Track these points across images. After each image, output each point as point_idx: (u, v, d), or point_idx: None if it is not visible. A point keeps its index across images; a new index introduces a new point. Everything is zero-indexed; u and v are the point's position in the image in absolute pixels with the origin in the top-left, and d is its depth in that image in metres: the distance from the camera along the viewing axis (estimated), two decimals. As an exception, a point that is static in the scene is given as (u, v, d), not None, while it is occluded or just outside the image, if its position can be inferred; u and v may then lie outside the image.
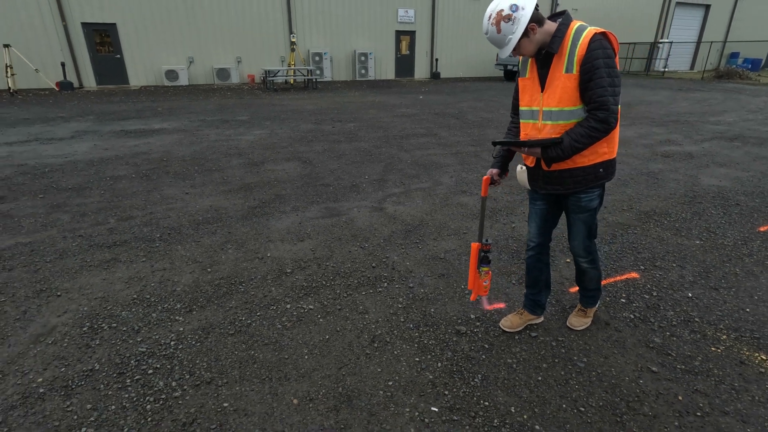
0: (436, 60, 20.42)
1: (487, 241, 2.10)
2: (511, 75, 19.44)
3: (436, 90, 15.11)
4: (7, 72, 12.47)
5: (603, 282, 2.82)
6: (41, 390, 1.94)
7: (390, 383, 2.00)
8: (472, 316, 2.49)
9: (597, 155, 1.87)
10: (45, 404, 1.87)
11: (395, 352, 2.20)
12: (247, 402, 1.89)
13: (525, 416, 1.82)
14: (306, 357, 2.17)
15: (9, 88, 12.62)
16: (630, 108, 10.69)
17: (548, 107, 1.83)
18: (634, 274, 2.95)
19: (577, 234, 2.09)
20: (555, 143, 1.80)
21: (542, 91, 1.84)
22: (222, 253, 3.20)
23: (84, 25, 14.24)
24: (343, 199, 4.34)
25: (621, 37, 24.34)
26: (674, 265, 3.08)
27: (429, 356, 2.17)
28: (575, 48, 1.70)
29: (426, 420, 1.80)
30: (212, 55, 16.25)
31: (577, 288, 2.40)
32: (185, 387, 1.97)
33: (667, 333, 2.34)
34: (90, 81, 14.87)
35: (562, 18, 1.79)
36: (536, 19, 1.73)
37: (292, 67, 15.89)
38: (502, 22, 1.71)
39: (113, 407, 1.85)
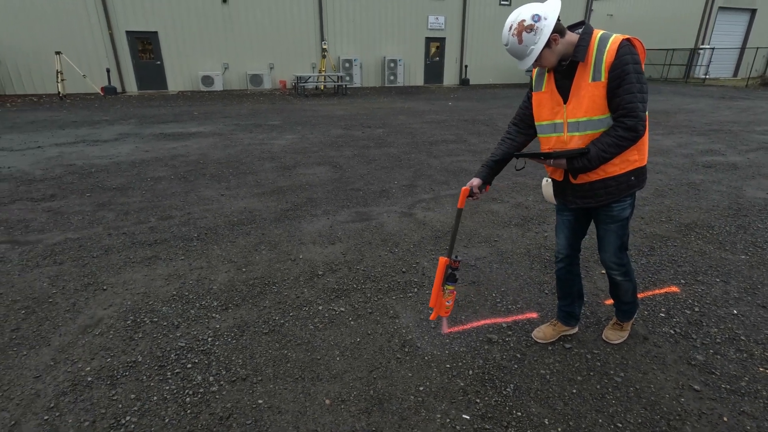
0: (466, 66, 20.34)
1: (456, 257, 1.94)
2: (542, 82, 19.07)
3: (465, 96, 15.04)
4: (57, 77, 13.24)
5: (640, 295, 2.74)
6: (89, 378, 2.05)
7: (421, 388, 2.00)
8: (504, 325, 2.46)
9: (628, 163, 1.82)
10: (92, 392, 1.97)
11: (426, 358, 2.20)
12: (281, 400, 1.93)
13: (559, 429, 1.78)
14: (338, 358, 2.20)
15: (59, 93, 13.38)
16: (668, 116, 10.33)
17: (575, 118, 1.77)
18: (674, 288, 2.84)
19: (609, 245, 2.01)
20: (581, 154, 1.74)
21: (566, 103, 1.79)
22: (256, 254, 3.29)
23: (128, 33, 14.97)
24: (372, 204, 4.38)
25: (658, 43, 23.62)
26: (718, 280, 2.95)
27: (460, 363, 2.16)
28: (602, 55, 1.65)
29: (457, 427, 1.79)
30: (246, 62, 16.74)
31: (612, 301, 2.32)
32: (222, 382, 2.03)
33: (711, 351, 2.24)
34: (132, 86, 15.58)
35: (583, 27, 1.74)
36: (558, 29, 1.68)
37: (323, 73, 16.18)
38: (524, 33, 1.66)
39: (155, 398, 1.93)
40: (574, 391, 1.98)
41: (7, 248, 3.34)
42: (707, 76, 22.39)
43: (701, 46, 23.08)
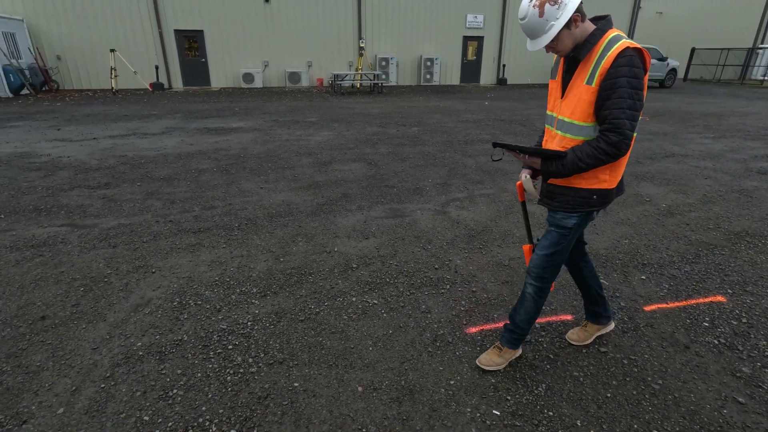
0: (504, 65, 19.98)
1: (537, 240, 1.98)
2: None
3: (502, 96, 14.79)
4: (111, 74, 14.05)
5: (682, 303, 2.66)
6: (140, 353, 2.20)
7: (452, 382, 2.03)
8: (537, 326, 2.44)
9: (596, 180, 1.72)
10: (143, 365, 2.11)
11: (457, 353, 2.22)
12: (316, 384, 2.01)
13: (592, 431, 1.77)
14: (370, 348, 2.25)
15: (112, 88, 14.20)
16: (720, 119, 9.78)
17: (562, 116, 1.72)
18: (720, 298, 2.73)
19: (541, 248, 1.89)
20: (558, 157, 1.67)
21: (562, 98, 1.73)
22: (293, 245, 3.40)
23: (176, 31, 15.67)
24: (406, 201, 4.41)
25: (711, 43, 22.35)
26: (769, 291, 2.80)
27: (491, 360, 2.16)
28: (602, 59, 1.55)
29: (487, 422, 1.81)
30: (285, 60, 17.15)
31: (506, 323, 2.12)
32: (260, 364, 2.13)
33: (758, 364, 2.14)
34: (178, 82, 16.30)
35: (601, 23, 1.62)
36: (581, 11, 1.58)
37: (360, 71, 16.33)
38: (547, 5, 1.54)
39: (199, 375, 2.06)
40: (609, 395, 1.95)
41: (68, 231, 3.61)
42: (766, 78, 20.96)
43: (761, 46, 21.62)
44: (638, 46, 1.54)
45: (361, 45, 16.92)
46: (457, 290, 2.80)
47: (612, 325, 2.34)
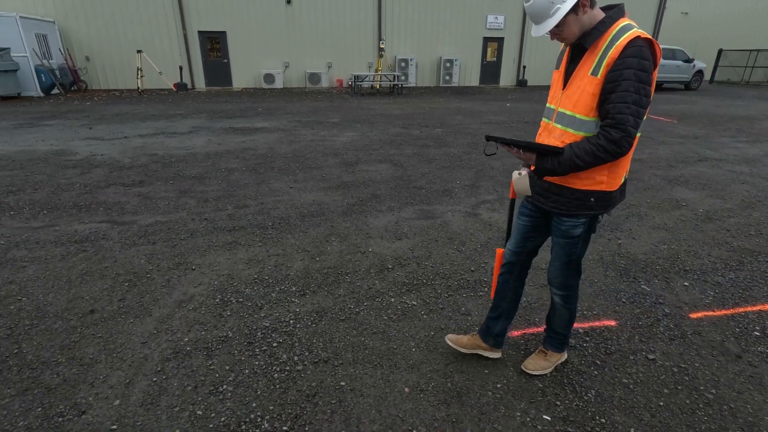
0: (524, 67, 19.78)
1: (506, 244, 1.92)
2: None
3: (522, 98, 14.65)
4: (137, 74, 14.36)
5: (729, 311, 2.59)
6: (188, 348, 2.24)
7: (498, 385, 2.01)
8: (581, 330, 2.41)
9: (593, 182, 1.59)
10: (192, 360, 2.15)
11: (502, 356, 2.20)
12: (362, 384, 2.02)
13: (647, 440, 1.73)
14: (413, 350, 2.25)
15: (138, 88, 14.52)
16: (752, 123, 9.51)
17: (563, 109, 1.61)
18: (770, 307, 2.65)
19: (555, 259, 1.84)
20: (554, 153, 1.55)
21: (563, 89, 1.62)
22: (327, 245, 3.43)
23: (200, 33, 15.94)
24: (436, 203, 4.40)
25: (739, 43, 21.75)
26: (821, 301, 2.71)
27: (537, 365, 2.14)
28: (610, 48, 1.45)
29: (538, 427, 1.79)
30: (305, 60, 17.28)
31: (544, 327, 2.10)
32: (305, 362, 2.15)
33: (816, 375, 2.07)
34: (200, 83, 16.58)
35: (612, 11, 1.52)
36: None
37: (380, 72, 16.37)
38: None
39: (247, 371, 2.09)
40: (661, 403, 1.91)
41: (108, 227, 3.70)
42: (797, 80, 20.32)
43: (791, 47, 20.96)
44: (649, 36, 1.43)
45: (381, 46, 16.96)
46: (496, 293, 2.77)
47: (497, 355, 2.14)
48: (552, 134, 1.66)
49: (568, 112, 1.58)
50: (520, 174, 1.79)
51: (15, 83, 12.24)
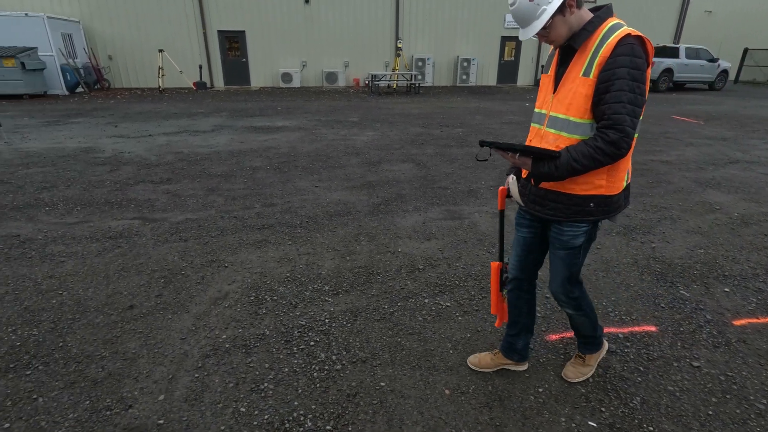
0: (542, 66, 19.50)
1: (509, 259, 1.83)
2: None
3: (542, 97, 14.46)
4: (159, 73, 14.60)
5: (776, 318, 2.51)
6: (227, 345, 2.26)
7: (540, 390, 1.99)
8: (621, 336, 2.36)
9: (591, 186, 1.54)
10: (231, 357, 2.17)
11: (541, 360, 2.18)
12: (402, 385, 2.01)
13: (699, 450, 1.69)
14: (451, 351, 2.24)
15: (159, 87, 14.76)
16: (782, 124, 9.23)
17: (555, 113, 1.55)
18: (817, 315, 2.56)
19: (556, 274, 1.75)
20: (550, 157, 1.48)
21: (554, 92, 1.57)
22: (356, 244, 3.43)
23: (219, 32, 16.13)
24: (462, 203, 4.37)
25: (765, 42, 21.14)
26: None
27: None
28: (600, 48, 1.41)
29: (585, 433, 1.76)
30: (323, 60, 17.36)
31: (574, 334, 2.03)
32: (344, 362, 2.15)
33: None
34: (219, 81, 16.78)
35: (601, 11, 1.49)
36: None
37: (397, 71, 16.35)
38: None
39: (286, 370, 2.10)
40: (710, 412, 1.87)
41: (140, 224, 3.76)
42: (827, 80, 19.69)
43: (821, 46, 20.30)
44: (640, 34, 1.40)
45: (399, 45, 16.93)
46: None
47: (525, 367, 2.10)
48: (545, 139, 1.59)
49: (561, 115, 1.53)
50: (513, 178, 1.74)
51: (42, 82, 12.55)
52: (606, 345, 2.11)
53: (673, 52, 16.66)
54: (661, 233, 3.69)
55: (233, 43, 16.55)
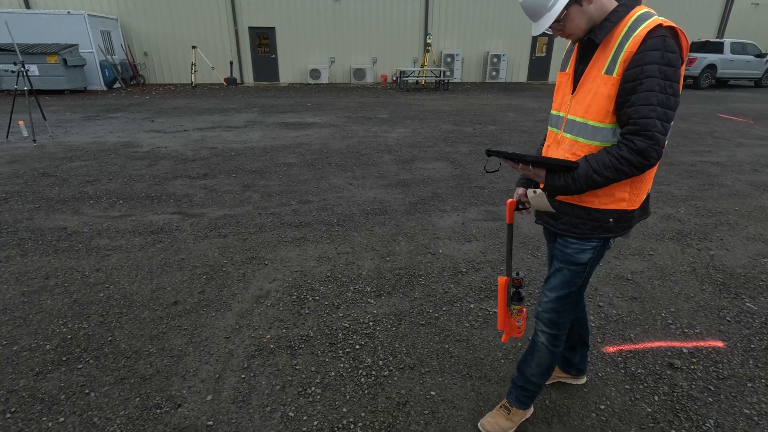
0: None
1: (518, 274, 1.64)
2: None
3: (575, 94, 14.01)
4: (192, 69, 14.89)
5: None
6: (271, 346, 2.23)
7: (602, 407, 1.87)
8: (685, 350, 2.21)
9: (612, 199, 1.35)
10: (276, 359, 2.14)
11: (599, 374, 2.05)
12: (453, 395, 1.93)
13: (786, 482, 1.55)
14: (502, 361, 2.14)
15: (192, 83, 15.06)
16: (842, 124, 8.62)
17: (573, 115, 1.37)
18: None
19: (551, 289, 1.53)
20: (567, 168, 1.30)
21: (573, 93, 1.38)
22: (395, 245, 3.36)
23: (250, 29, 16.31)
24: (501, 204, 4.24)
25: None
26: None
27: (641, 386, 1.98)
28: (626, 41, 1.22)
29: (655, 457, 1.64)
30: (351, 56, 17.33)
31: (515, 374, 1.74)
32: (391, 368, 2.09)
33: None
34: (249, 77, 16.99)
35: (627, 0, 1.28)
36: None
37: (425, 67, 16.16)
38: None
39: (333, 374, 2.05)
40: (795, 440, 1.71)
41: (180, 219, 3.80)
42: None
43: None
44: (673, 24, 1.20)
45: (428, 41, 16.73)
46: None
47: (584, 380, 1.96)
48: (561, 145, 1.42)
49: (578, 119, 1.35)
50: (535, 192, 1.51)
51: (82, 78, 12.99)
52: (532, 409, 1.81)
53: (716, 48, 15.84)
54: (718, 240, 3.47)
55: (263, 39, 16.71)
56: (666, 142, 1.26)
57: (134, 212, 3.93)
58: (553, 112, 1.49)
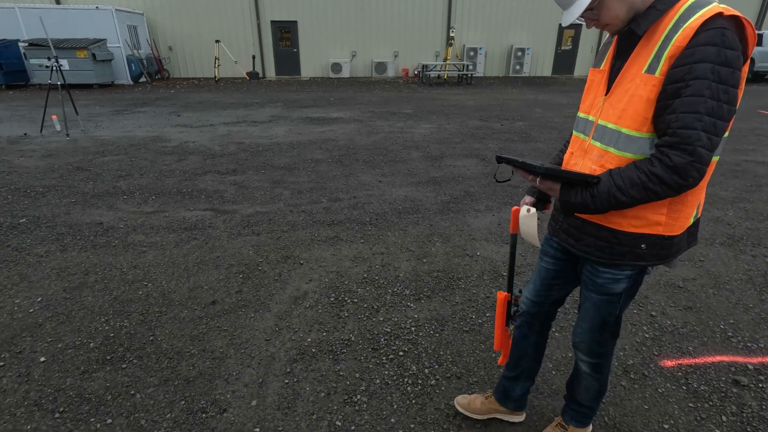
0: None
1: (520, 291, 1.54)
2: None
3: (604, 89, 13.60)
4: (215, 63, 15.00)
5: None
6: (313, 350, 2.18)
7: (665, 426, 1.76)
8: (750, 367, 2.08)
9: (644, 222, 1.15)
10: (319, 364, 2.09)
11: (659, 390, 1.94)
12: (505, 408, 1.85)
13: None
14: (553, 372, 2.05)
15: (215, 77, 15.18)
16: None
17: (605, 120, 1.17)
18: None
19: (584, 319, 1.37)
20: (586, 183, 1.12)
21: (606, 94, 1.19)
22: (431, 246, 3.27)
23: (272, 23, 16.33)
24: (537, 204, 4.10)
25: None
26: None
27: (706, 405, 1.86)
28: (674, 33, 1.01)
29: (730, 485, 1.53)
30: (372, 50, 17.21)
31: (566, 395, 1.63)
32: (437, 377, 2.02)
33: None
34: (271, 72, 17.04)
35: None
36: None
37: (448, 61, 15.92)
38: None
39: (378, 381, 1.99)
40: None
41: (212, 215, 3.79)
42: None
43: None
44: (737, 13, 0.98)
45: (451, 35, 16.46)
46: (632, 313, 2.48)
47: (521, 418, 1.77)
48: (589, 155, 1.22)
49: (610, 125, 1.14)
50: (528, 212, 1.37)
51: (110, 72, 13.22)
52: (591, 428, 1.66)
53: (755, 40, 15.16)
54: None
55: (284, 33, 16.72)
56: (716, 158, 1.09)
57: (167, 208, 3.94)
58: (581, 114, 1.29)
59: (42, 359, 2.09)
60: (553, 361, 2.12)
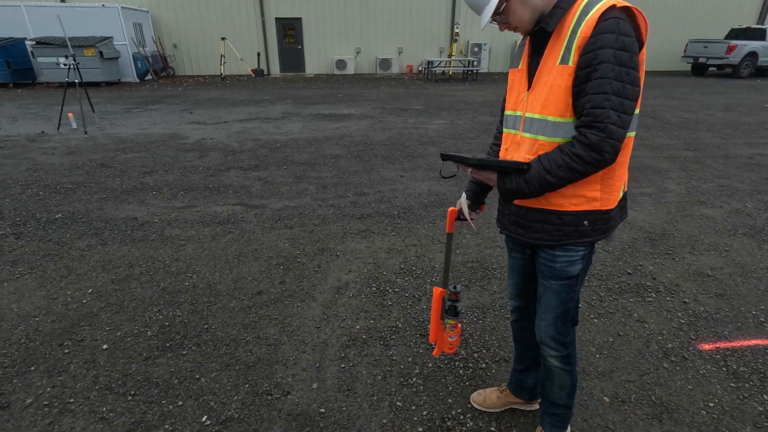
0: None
1: (455, 287, 1.57)
2: (700, 69, 16.58)
3: (609, 84, 13.66)
4: (221, 60, 15.02)
5: None
6: (363, 336, 2.27)
7: (710, 405, 1.85)
8: (785, 350, 2.17)
9: (582, 200, 1.24)
10: (371, 349, 2.18)
11: (701, 371, 2.03)
12: (556, 389, 1.93)
13: None
14: (597, 356, 2.13)
15: (221, 74, 15.20)
16: None
17: (531, 112, 1.26)
18: None
19: (546, 309, 1.41)
20: (518, 170, 1.21)
21: (528, 89, 1.28)
22: (461, 237, 3.36)
23: (277, 20, 16.34)
24: (558, 197, 4.19)
25: None
26: None
27: (747, 385, 1.95)
28: (579, 26, 1.12)
29: (778, 457, 1.62)
30: (376, 46, 17.23)
31: (538, 402, 1.69)
32: (487, 360, 2.10)
33: None
34: (275, 68, 17.07)
35: None
36: None
37: (453, 57, 15.96)
38: None
39: (430, 365, 2.07)
40: None
41: (243, 210, 3.87)
42: None
43: None
44: (628, 4, 1.10)
45: (456, 31, 16.49)
46: (666, 300, 2.57)
47: (535, 406, 1.81)
48: (522, 146, 1.30)
49: (536, 115, 1.23)
50: (464, 198, 1.54)
51: (117, 70, 13.24)
52: (569, 430, 1.65)
53: (758, 34, 15.24)
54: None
55: (288, 30, 16.73)
56: (632, 134, 1.21)
57: (197, 203, 4.01)
58: (509, 112, 1.37)
59: (104, 347, 2.18)
60: (596, 345, 2.21)
